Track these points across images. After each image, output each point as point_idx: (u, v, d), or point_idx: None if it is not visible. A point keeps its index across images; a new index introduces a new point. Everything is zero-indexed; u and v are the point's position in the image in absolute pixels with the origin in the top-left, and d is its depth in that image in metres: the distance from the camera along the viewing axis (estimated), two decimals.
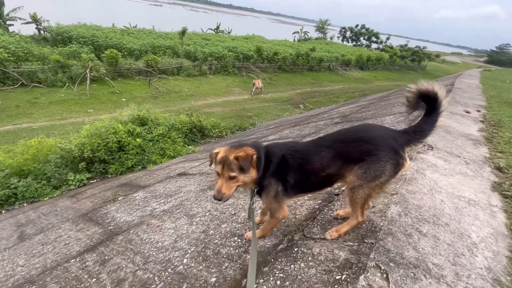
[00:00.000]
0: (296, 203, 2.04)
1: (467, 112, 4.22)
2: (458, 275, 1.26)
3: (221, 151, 1.39)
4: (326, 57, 27.41)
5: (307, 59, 25.19)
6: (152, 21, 28.69)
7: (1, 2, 18.33)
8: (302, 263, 1.38)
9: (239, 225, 1.94)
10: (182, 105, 13.31)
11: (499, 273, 1.32)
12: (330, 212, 1.82)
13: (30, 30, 18.98)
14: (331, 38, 48.60)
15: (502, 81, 11.38)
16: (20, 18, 19.49)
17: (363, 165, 1.35)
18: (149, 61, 16.63)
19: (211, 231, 1.95)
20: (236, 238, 1.78)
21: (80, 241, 2.43)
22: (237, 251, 1.63)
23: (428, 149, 2.64)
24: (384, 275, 1.20)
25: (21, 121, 10.22)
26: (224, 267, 1.51)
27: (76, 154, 5.32)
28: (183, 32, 20.08)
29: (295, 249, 1.50)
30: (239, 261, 1.53)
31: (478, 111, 4.44)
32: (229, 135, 8.80)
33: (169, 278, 1.52)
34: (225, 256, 1.61)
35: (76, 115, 11.26)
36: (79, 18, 21.87)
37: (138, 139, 5.96)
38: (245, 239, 1.74)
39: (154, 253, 1.85)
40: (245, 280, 1.36)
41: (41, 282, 1.86)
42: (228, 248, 1.68)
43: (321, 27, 48.47)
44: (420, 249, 1.38)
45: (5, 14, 18.96)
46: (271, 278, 1.32)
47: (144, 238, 2.12)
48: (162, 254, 1.80)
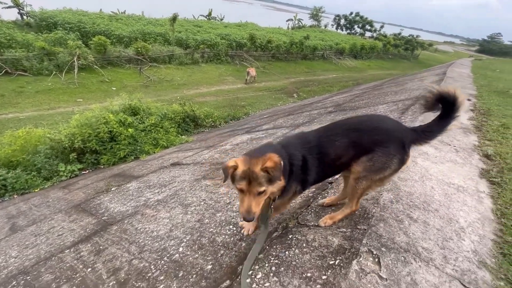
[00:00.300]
0: None
1: None
2: (446, 258, 1.30)
3: (240, 163, 1.22)
4: (320, 46, 27.14)
5: (301, 48, 24.89)
6: (142, 7, 27.62)
7: None
8: (297, 250, 1.40)
9: (234, 214, 1.95)
10: (175, 94, 13.08)
11: (485, 256, 1.37)
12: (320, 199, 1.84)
13: (12, 15, 18.06)
14: (325, 26, 47.93)
15: (492, 70, 11.53)
16: (1, 2, 18.50)
17: (372, 157, 1.33)
18: (139, 49, 16.14)
19: (206, 220, 1.96)
20: (231, 227, 1.79)
21: (74, 232, 2.42)
22: (233, 239, 1.65)
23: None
24: (376, 259, 1.24)
25: (7, 111, 9.88)
26: (220, 255, 1.53)
27: (67, 145, 5.21)
28: (174, 19, 19.46)
29: (290, 236, 1.53)
30: (235, 249, 1.55)
31: (469, 100, 4.51)
32: (223, 125, 8.74)
33: (165, 267, 1.54)
34: (221, 244, 1.62)
35: (65, 105, 10.95)
36: (64, 3, 20.85)
37: (130, 129, 5.86)
38: (243, 234, 1.66)
39: (150, 242, 1.85)
40: (241, 267, 1.38)
41: (36, 273, 1.86)
42: (224, 236, 1.70)
43: (315, 15, 47.67)
44: (411, 234, 1.42)
45: None
46: (266, 265, 1.34)
47: (139, 228, 2.12)
48: (158, 243, 1.81)
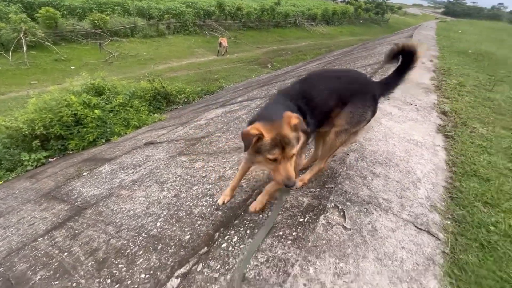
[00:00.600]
0: None
1: (422, 63, 4.45)
2: (403, 206, 1.45)
3: (264, 131, 1.12)
4: (292, 12, 26.24)
5: (273, 14, 23.91)
6: None
7: None
8: (270, 212, 1.48)
9: (210, 186, 1.98)
10: (142, 71, 12.27)
11: (436, 201, 1.54)
12: None
13: None
14: None
15: (455, 32, 11.97)
16: None
17: (352, 109, 1.41)
18: (96, 21, 14.59)
19: (183, 195, 1.98)
20: (208, 198, 1.83)
21: (46, 220, 2.34)
22: (209, 209, 1.69)
23: (385, 100, 2.80)
24: (341, 213, 1.34)
25: None
26: (197, 225, 1.57)
27: (27, 132, 4.81)
28: None
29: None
30: (211, 218, 1.60)
31: (431, 61, 4.71)
32: (197, 100, 8.48)
33: (144, 242, 1.56)
34: (198, 215, 1.66)
35: (18, 89, 9.91)
36: None
37: (97, 111, 5.50)
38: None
39: (127, 221, 1.85)
40: (217, 234, 1.44)
41: (8, 264, 1.81)
42: (200, 208, 1.73)
43: None
44: (373, 188, 1.54)
45: None
46: (241, 228, 1.41)
47: (115, 209, 2.09)
48: (135, 221, 1.81)
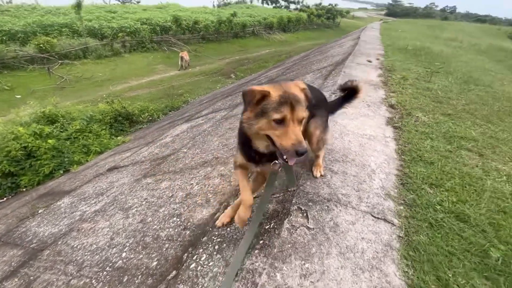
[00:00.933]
0: (230, 171, 2.12)
1: (369, 61, 4.83)
2: (361, 198, 1.54)
3: (271, 89, 1.08)
4: (249, 22, 26.91)
5: (230, 26, 24.32)
6: None
7: None
8: (237, 225, 1.48)
9: (177, 205, 1.93)
10: (99, 93, 11.65)
11: (390, 189, 1.66)
12: None
13: None
14: (251, 1, 47.55)
15: (395, 31, 13.19)
16: None
17: (318, 119, 1.62)
18: (42, 45, 13.64)
19: (149, 219, 1.90)
20: (175, 218, 1.78)
21: None
22: (177, 230, 1.64)
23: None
24: (305, 214, 1.39)
25: None
26: (165, 249, 1.52)
27: None
28: (79, 5, 16.71)
29: None
30: (179, 239, 1.55)
31: (378, 59, 5.13)
32: (162, 117, 8.25)
33: (108, 276, 1.46)
34: (165, 238, 1.61)
35: None
36: None
37: (50, 140, 5.10)
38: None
39: (89, 257, 1.72)
40: (186, 254, 1.40)
41: None
42: (168, 230, 1.68)
43: None
44: (332, 185, 1.62)
45: None
46: (210, 245, 1.39)
47: (75, 245, 1.94)
48: (98, 256, 1.70)
